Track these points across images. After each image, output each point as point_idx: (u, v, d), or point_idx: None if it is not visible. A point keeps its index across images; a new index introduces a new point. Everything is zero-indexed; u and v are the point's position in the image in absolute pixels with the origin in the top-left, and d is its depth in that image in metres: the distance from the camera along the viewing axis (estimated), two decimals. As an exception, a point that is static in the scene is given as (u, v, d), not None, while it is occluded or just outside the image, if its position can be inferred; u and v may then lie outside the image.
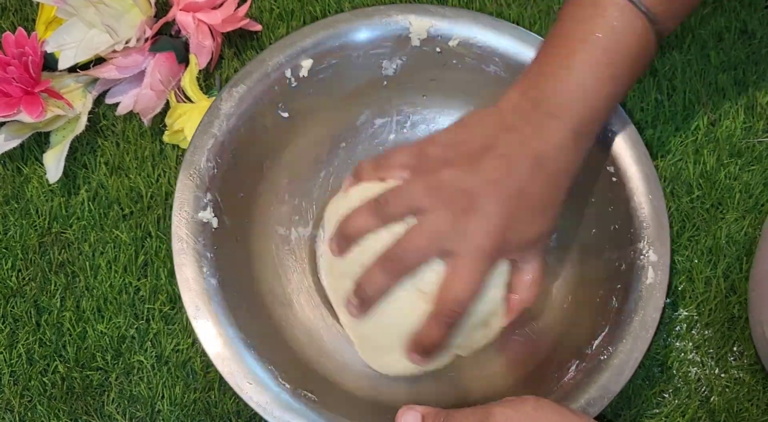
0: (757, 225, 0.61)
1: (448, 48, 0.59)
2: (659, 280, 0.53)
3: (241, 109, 0.56)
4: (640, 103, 0.64)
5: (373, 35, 0.59)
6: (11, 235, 0.61)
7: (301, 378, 0.52)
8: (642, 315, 0.52)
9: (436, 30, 0.59)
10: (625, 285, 0.54)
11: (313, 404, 0.50)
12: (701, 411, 0.57)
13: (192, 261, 0.52)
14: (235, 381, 0.50)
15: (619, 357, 0.51)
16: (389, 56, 0.59)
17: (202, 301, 0.51)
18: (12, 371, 0.57)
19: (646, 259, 0.53)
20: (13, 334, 0.58)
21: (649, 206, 0.55)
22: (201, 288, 0.52)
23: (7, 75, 0.58)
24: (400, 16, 0.59)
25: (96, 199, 0.61)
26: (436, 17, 0.59)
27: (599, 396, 0.50)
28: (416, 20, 0.58)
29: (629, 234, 0.55)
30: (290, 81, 0.58)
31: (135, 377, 0.57)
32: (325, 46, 0.58)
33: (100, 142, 0.63)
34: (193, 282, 0.52)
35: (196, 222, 0.53)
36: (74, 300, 0.59)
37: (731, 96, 0.64)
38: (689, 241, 0.61)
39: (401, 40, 0.59)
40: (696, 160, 0.63)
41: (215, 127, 0.56)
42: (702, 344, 0.59)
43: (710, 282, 0.60)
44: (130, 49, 0.61)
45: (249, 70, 0.57)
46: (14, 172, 0.62)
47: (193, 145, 0.55)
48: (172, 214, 0.53)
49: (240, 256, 0.56)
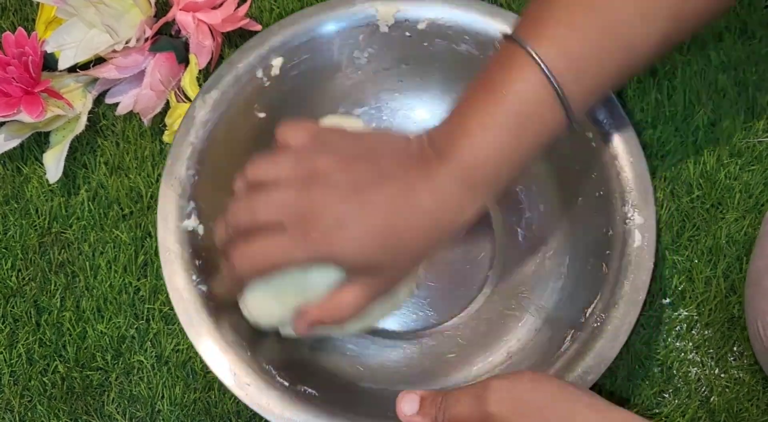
0: (757, 225, 0.61)
1: (417, 31, 0.59)
2: (647, 243, 0.53)
3: (217, 115, 0.56)
4: (640, 103, 0.64)
5: (340, 27, 0.59)
6: (11, 235, 0.61)
7: (300, 375, 0.52)
8: (632, 279, 0.52)
9: (403, 14, 0.58)
10: (613, 251, 0.54)
11: (313, 399, 0.51)
12: (701, 411, 0.57)
13: (181, 270, 0.52)
14: (234, 384, 0.50)
15: (613, 322, 0.51)
16: (359, 46, 0.59)
17: (193, 310, 0.51)
18: (12, 371, 0.57)
19: (632, 223, 0.53)
20: (13, 334, 0.58)
21: (630, 169, 0.55)
22: (192, 297, 0.52)
23: (7, 75, 0.58)
24: (366, 4, 0.58)
25: (96, 198, 0.61)
26: (402, 1, 0.59)
27: (595, 364, 0.50)
28: (382, 7, 0.58)
29: (614, 199, 0.55)
30: (263, 80, 0.58)
31: (135, 377, 0.57)
32: (294, 43, 0.58)
33: (100, 142, 0.63)
34: (183, 291, 0.52)
35: (182, 231, 0.53)
36: (74, 300, 0.59)
37: (731, 96, 0.64)
38: (689, 241, 0.61)
39: (369, 28, 0.59)
40: (696, 160, 0.63)
41: (191, 135, 0.55)
42: (702, 344, 0.59)
43: (710, 282, 0.60)
44: (130, 49, 0.61)
45: (220, 74, 0.57)
46: (14, 172, 0.62)
47: (172, 156, 0.55)
48: (157, 226, 0.53)
49: None
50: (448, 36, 0.59)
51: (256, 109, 0.58)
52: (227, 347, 0.51)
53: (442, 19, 0.59)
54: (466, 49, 0.59)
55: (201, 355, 0.51)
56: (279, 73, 0.58)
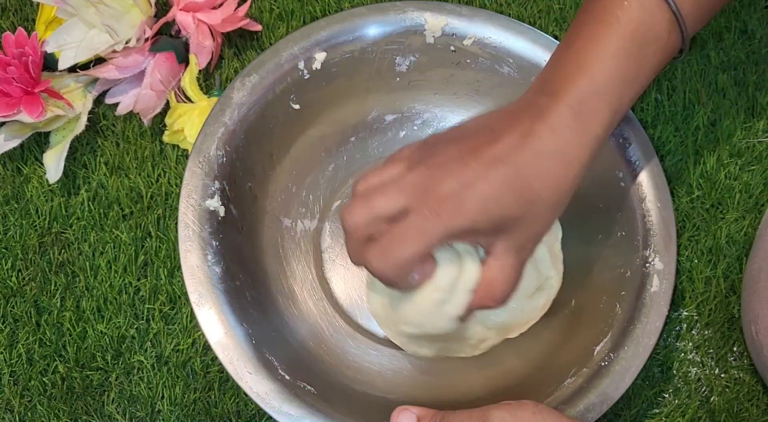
0: (757, 225, 0.61)
1: (462, 47, 0.59)
2: (664, 289, 0.53)
3: (253, 99, 0.57)
4: (640, 103, 0.64)
5: (387, 30, 0.59)
6: (11, 235, 0.61)
7: (301, 371, 0.52)
8: (645, 323, 0.52)
9: (451, 28, 0.59)
10: (629, 292, 0.54)
11: (311, 396, 0.51)
12: (701, 412, 0.57)
13: (197, 248, 0.53)
14: (235, 370, 0.50)
15: (621, 363, 0.51)
16: (403, 52, 0.59)
17: (205, 289, 0.52)
18: (12, 371, 0.57)
19: (651, 267, 0.53)
20: (13, 334, 0.58)
21: (657, 214, 0.55)
22: (205, 276, 0.52)
23: (7, 75, 0.58)
24: (416, 12, 0.59)
25: (96, 198, 0.61)
26: (452, 15, 0.59)
27: (599, 402, 0.50)
28: (431, 18, 0.59)
29: (636, 242, 0.55)
30: (303, 73, 0.58)
31: (135, 377, 0.57)
32: (339, 40, 0.58)
33: (100, 142, 0.63)
34: (197, 269, 0.52)
35: (203, 210, 0.54)
36: (74, 300, 0.59)
37: (731, 96, 0.64)
38: (689, 241, 0.61)
39: (415, 36, 0.59)
40: (696, 160, 0.63)
41: (226, 116, 0.56)
42: (702, 344, 0.59)
43: (710, 282, 0.60)
44: (130, 49, 0.61)
45: (263, 60, 0.57)
46: (14, 172, 0.62)
47: (203, 133, 0.55)
48: (180, 201, 0.53)
49: (245, 246, 0.56)
50: (492, 56, 0.59)
51: (292, 101, 0.58)
52: (232, 332, 0.51)
53: (489, 38, 0.59)
54: (508, 72, 0.59)
55: (205, 334, 0.51)
56: (320, 68, 0.58)
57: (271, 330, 0.54)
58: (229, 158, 0.55)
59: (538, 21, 0.67)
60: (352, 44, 0.59)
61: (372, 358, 0.57)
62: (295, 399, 0.50)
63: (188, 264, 0.52)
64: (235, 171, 0.56)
